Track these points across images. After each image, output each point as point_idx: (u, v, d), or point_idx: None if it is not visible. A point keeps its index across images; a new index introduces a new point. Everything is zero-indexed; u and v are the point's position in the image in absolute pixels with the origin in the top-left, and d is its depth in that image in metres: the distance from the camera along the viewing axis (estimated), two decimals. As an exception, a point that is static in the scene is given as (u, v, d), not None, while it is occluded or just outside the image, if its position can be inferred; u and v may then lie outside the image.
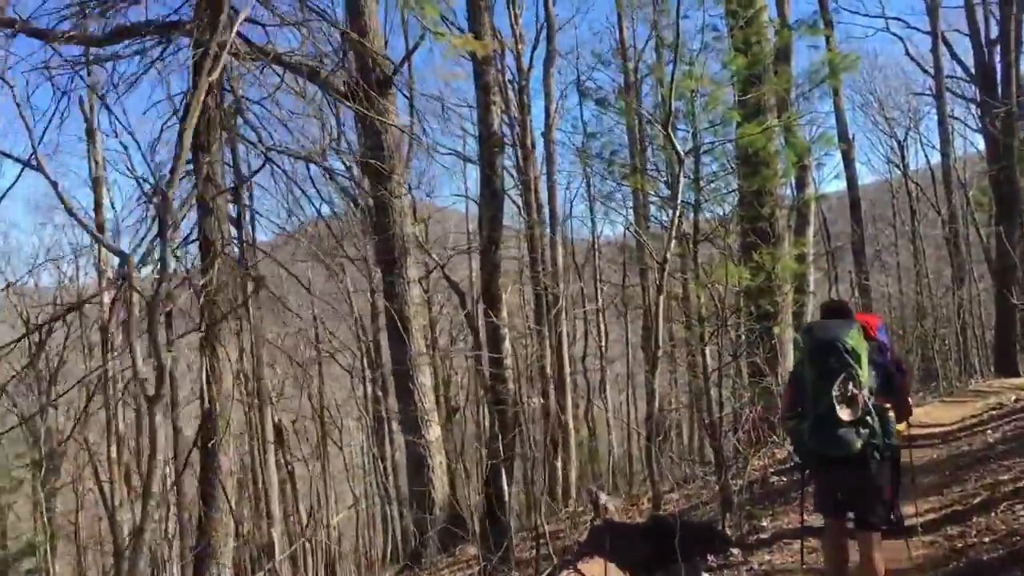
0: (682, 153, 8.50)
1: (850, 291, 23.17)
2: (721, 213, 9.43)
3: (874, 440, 4.34)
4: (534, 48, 17.70)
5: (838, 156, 21.37)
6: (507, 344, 10.45)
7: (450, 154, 18.55)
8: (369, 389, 24.47)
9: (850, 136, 22.14)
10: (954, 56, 25.33)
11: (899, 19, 46.71)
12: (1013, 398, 12.80)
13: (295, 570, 22.00)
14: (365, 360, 25.20)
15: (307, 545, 22.31)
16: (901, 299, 28.97)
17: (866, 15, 60.21)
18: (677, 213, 8.49)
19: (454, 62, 11.35)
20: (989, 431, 9.70)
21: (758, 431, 12.44)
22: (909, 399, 4.83)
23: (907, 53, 27.24)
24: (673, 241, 8.50)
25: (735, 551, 6.66)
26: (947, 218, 24.45)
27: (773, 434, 12.03)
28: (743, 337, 10.42)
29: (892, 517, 4.73)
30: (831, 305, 4.99)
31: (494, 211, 10.33)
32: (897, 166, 31.32)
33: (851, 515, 4.65)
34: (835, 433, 4.27)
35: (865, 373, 4.34)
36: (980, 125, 22.80)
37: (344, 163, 16.94)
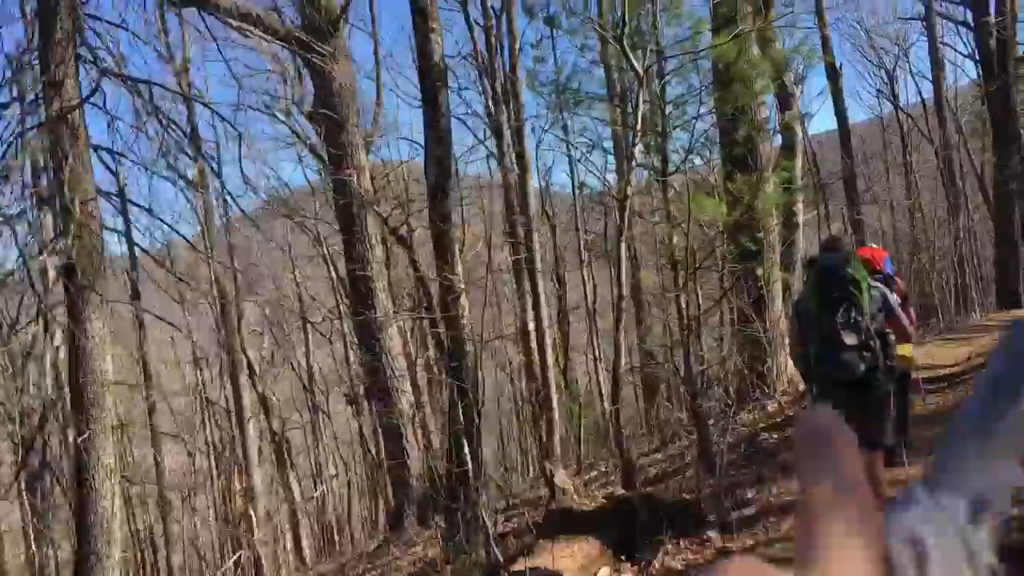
0: (640, 70, 7.20)
1: (842, 227, 21.95)
2: (690, 141, 8.10)
3: (876, 363, 4.51)
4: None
5: (825, 87, 19.98)
6: (463, 302, 9.20)
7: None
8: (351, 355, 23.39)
9: (837, 65, 20.71)
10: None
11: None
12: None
13: (294, 542, 21.14)
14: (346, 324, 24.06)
15: (303, 516, 21.43)
16: (895, 233, 27.73)
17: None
18: (635, 141, 7.21)
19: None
20: None
21: (744, 383, 11.33)
22: (909, 326, 4.97)
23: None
24: (633, 174, 7.23)
25: (711, 534, 5.51)
26: (941, 147, 23.09)
27: (763, 386, 10.88)
28: (724, 280, 9.20)
29: (894, 440, 5.01)
30: (830, 240, 5.15)
31: (439, 153, 9.02)
32: (887, 98, 29.88)
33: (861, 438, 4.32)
34: (840, 357, 4.48)
35: (866, 300, 4.52)
36: (974, 47, 21.37)
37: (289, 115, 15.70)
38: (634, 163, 7.03)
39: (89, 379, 6.03)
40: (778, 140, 11.53)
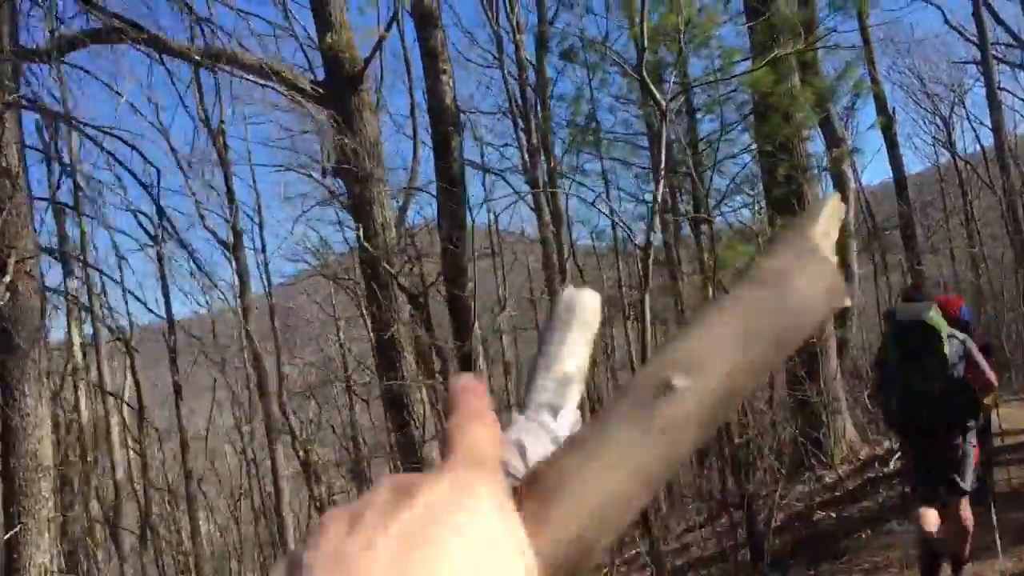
0: (663, 102, 6.30)
1: (901, 279, 20.51)
2: (728, 182, 7.14)
3: (957, 413, 4.52)
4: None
5: (879, 139, 18.81)
6: (481, 365, 8.30)
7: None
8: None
9: (890, 110, 19.56)
10: (997, 19, 22.67)
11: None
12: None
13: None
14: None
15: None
16: (957, 284, 26.08)
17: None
18: (661, 183, 6.29)
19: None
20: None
21: (798, 452, 10.14)
22: (990, 374, 4.66)
23: (946, 22, 24.56)
24: (657, 219, 6.30)
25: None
26: (1004, 193, 21.61)
27: (819, 455, 9.67)
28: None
29: (977, 484, 4.86)
30: (910, 290, 5.54)
31: (451, 204, 8.23)
32: (944, 145, 28.49)
33: (942, 489, 4.64)
34: (921, 406, 4.51)
35: (946, 348, 4.45)
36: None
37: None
38: (655, 207, 6.07)
39: (21, 464, 5.18)
40: (828, 184, 10.47)
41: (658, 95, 6.37)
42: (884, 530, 6.53)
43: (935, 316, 4.53)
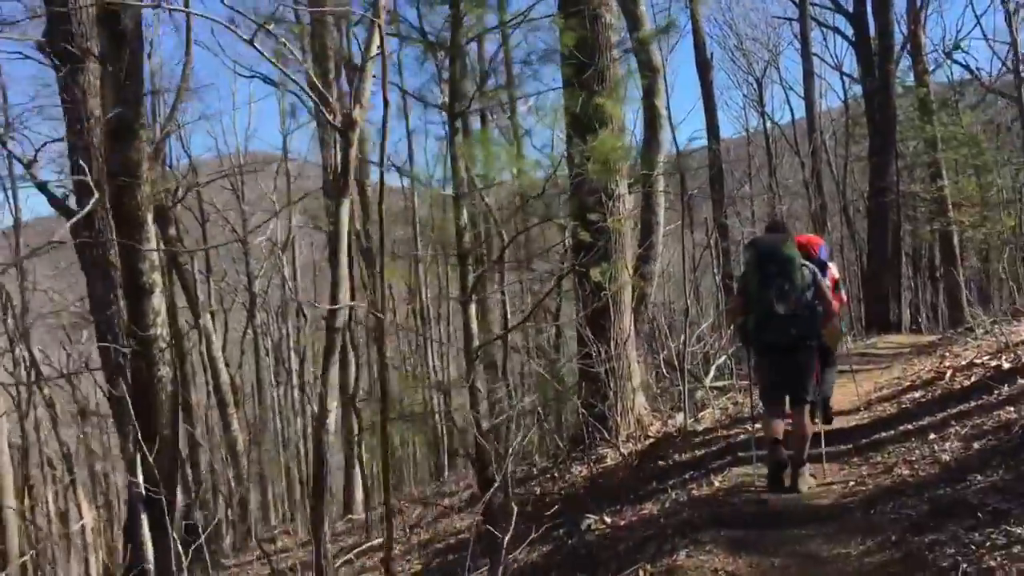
0: None
1: (705, 237, 19.41)
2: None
3: (805, 332, 5.16)
4: None
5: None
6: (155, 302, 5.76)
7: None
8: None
9: (708, 55, 18.16)
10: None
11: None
12: (912, 370, 9.05)
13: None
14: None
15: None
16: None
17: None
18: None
19: None
20: (936, 442, 5.67)
21: (579, 428, 8.30)
22: (834, 301, 5.46)
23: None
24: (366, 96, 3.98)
25: None
26: (809, 154, 20.99)
27: (602, 430, 7.83)
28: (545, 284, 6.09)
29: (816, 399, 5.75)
30: (772, 223, 6.13)
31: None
32: (755, 107, 28.06)
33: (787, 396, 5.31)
34: (774, 325, 5.14)
35: (798, 277, 5.15)
36: (849, 55, 19.37)
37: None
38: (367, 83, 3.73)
39: None
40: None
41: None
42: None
43: (791, 247, 5.23)
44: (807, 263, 5.25)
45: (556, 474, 8.00)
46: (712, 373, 10.33)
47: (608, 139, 5.13)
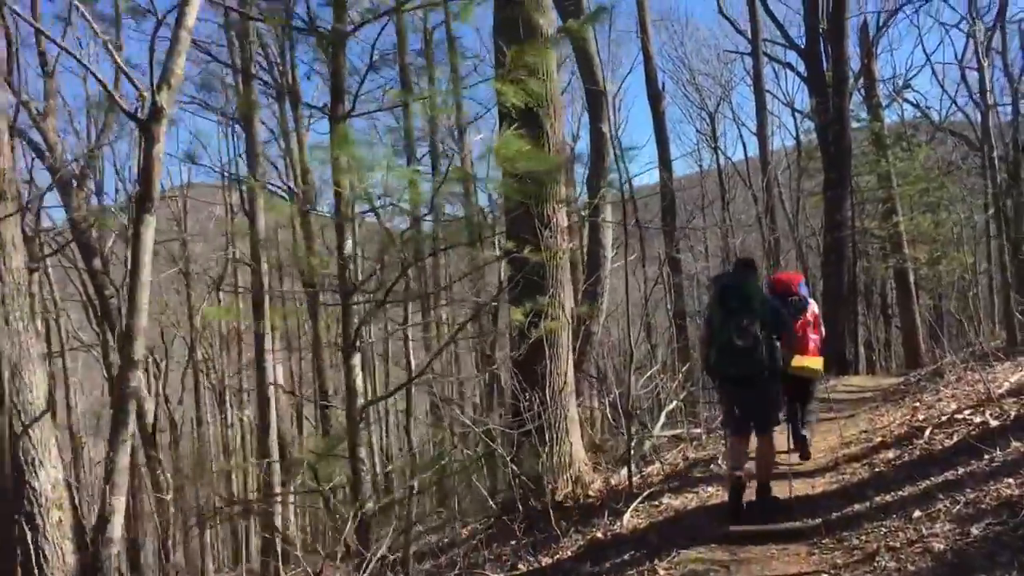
0: None
1: (657, 271, 18.56)
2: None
3: (763, 364, 5.23)
4: None
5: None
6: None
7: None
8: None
9: (660, 85, 17.44)
10: (770, 14, 21.36)
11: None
12: (881, 422, 8.15)
13: None
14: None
15: None
16: (709, 281, 25.03)
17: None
18: None
19: None
20: (923, 522, 4.70)
21: (511, 491, 7.20)
22: (792, 335, 5.73)
23: (720, 11, 23.10)
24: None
25: None
26: (763, 189, 20.32)
27: (535, 493, 6.72)
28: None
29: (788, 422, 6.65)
30: (740, 260, 5.91)
31: None
32: (708, 142, 27.52)
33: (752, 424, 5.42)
34: (733, 357, 5.23)
35: (759, 312, 5.25)
36: (803, 88, 18.83)
37: None
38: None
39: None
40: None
41: None
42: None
43: (753, 283, 5.47)
44: (770, 298, 5.53)
45: (480, 544, 6.88)
46: (662, 420, 9.33)
47: (511, 139, 4.10)
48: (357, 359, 3.91)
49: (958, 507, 4.43)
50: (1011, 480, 4.51)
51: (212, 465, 19.99)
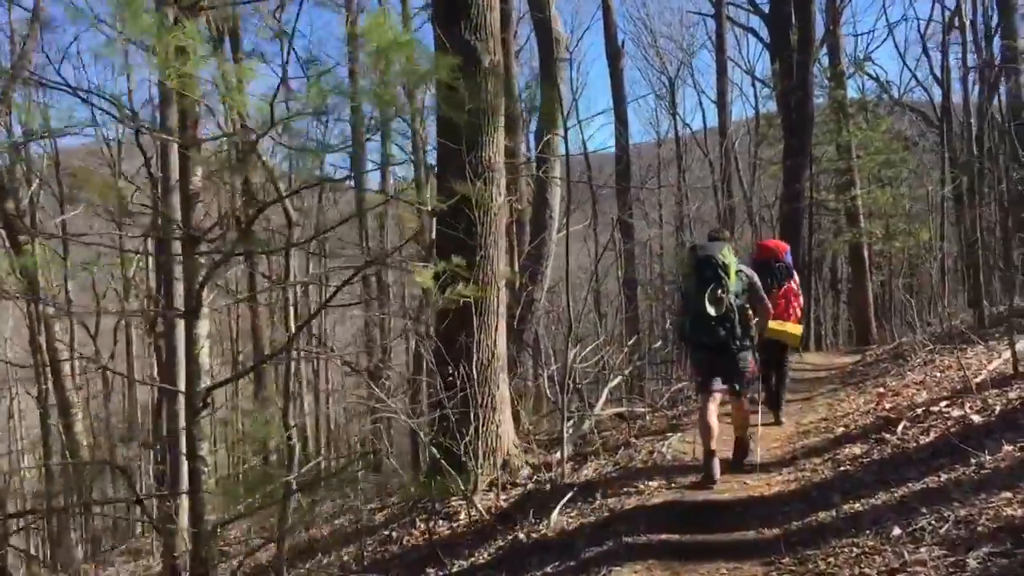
0: None
1: (611, 238, 17.71)
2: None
3: (734, 332, 5.32)
4: None
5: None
6: None
7: None
8: None
9: (620, 44, 16.43)
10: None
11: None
12: (841, 408, 7.42)
13: None
14: None
15: None
16: (662, 249, 24.34)
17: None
18: None
19: None
20: (904, 543, 3.91)
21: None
22: (767, 303, 5.67)
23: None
24: None
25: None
26: (721, 155, 19.56)
27: (457, 479, 5.83)
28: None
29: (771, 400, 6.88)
30: (714, 230, 5.98)
31: None
32: (665, 103, 26.62)
33: (725, 386, 5.48)
34: (706, 326, 5.30)
35: (732, 282, 5.31)
36: (765, 56, 17.99)
37: None
38: None
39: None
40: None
41: None
42: None
43: (727, 254, 5.36)
44: (744, 268, 5.48)
45: (393, 535, 5.99)
46: (604, 396, 8.51)
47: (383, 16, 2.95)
48: (203, 326, 2.95)
49: (946, 526, 3.62)
50: (1009, 495, 3.73)
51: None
